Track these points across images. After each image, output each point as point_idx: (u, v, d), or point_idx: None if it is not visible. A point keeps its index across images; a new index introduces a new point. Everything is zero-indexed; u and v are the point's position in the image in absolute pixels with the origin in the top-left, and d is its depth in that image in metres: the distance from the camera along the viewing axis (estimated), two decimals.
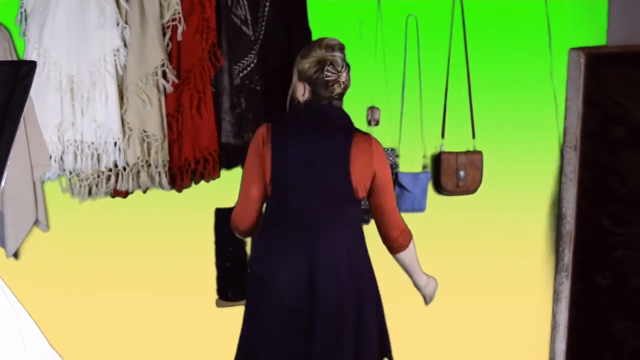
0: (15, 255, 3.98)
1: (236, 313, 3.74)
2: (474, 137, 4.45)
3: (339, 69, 3.31)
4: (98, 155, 3.96)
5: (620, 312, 1.37)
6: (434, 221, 4.46)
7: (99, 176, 4.00)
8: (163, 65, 3.98)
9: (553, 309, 1.42)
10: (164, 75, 3.99)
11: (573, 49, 1.34)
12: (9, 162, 2.51)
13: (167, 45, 4.02)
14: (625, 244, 1.32)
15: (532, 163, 4.50)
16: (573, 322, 1.33)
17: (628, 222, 1.32)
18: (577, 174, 1.22)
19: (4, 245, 3.91)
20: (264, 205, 3.39)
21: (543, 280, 4.25)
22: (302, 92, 3.36)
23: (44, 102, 3.87)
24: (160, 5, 3.99)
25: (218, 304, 4.26)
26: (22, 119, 2.59)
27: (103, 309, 4.19)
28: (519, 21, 4.47)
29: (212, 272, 4.26)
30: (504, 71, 4.47)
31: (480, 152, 4.43)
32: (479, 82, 4.45)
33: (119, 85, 3.97)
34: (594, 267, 1.30)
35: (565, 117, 1.27)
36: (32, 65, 2.41)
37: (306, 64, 3.33)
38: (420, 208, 4.42)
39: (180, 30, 4.00)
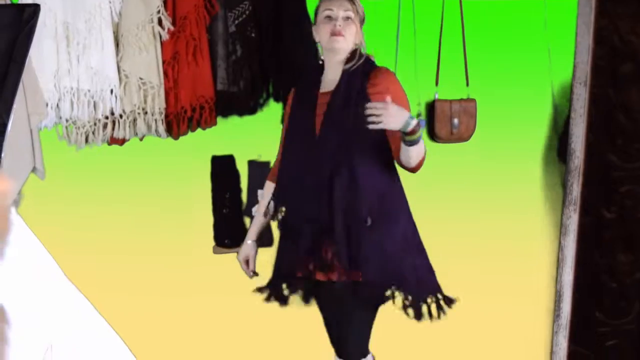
0: (15, 202, 4.00)
1: (233, 260, 3.78)
2: (467, 84, 4.47)
3: None
4: (94, 102, 3.98)
5: (626, 245, 1.42)
6: (428, 168, 4.47)
7: (95, 124, 4.03)
8: (159, 12, 4.00)
9: (560, 242, 1.47)
10: (160, 22, 4.01)
11: None
12: (15, 106, 2.54)
13: None
14: (631, 178, 1.36)
15: (524, 111, 4.53)
16: (580, 255, 1.38)
17: (634, 157, 1.36)
18: (587, 109, 1.25)
19: None
20: None
21: (540, 218, 4.32)
22: None
23: (40, 50, 3.87)
24: None
25: (215, 251, 4.30)
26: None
27: (99, 257, 4.22)
28: None
29: (209, 219, 4.29)
30: (498, 19, 4.47)
31: (474, 100, 4.45)
32: (472, 30, 4.45)
33: (114, 33, 3.98)
34: (601, 201, 1.35)
35: (575, 53, 1.30)
36: (35, 7, 2.42)
37: None
38: None
39: None
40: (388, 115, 3.25)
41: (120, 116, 4.02)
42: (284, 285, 3.51)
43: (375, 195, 3.49)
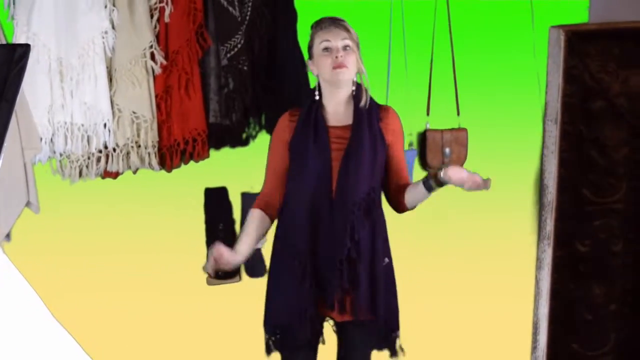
0: (8, 236, 4.01)
1: (227, 291, 3.82)
2: (458, 114, 4.50)
3: None
4: (88, 137, 4.02)
5: (600, 278, 1.45)
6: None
7: (89, 158, 4.06)
8: (151, 47, 4.04)
9: (536, 276, 1.51)
10: (152, 57, 4.05)
11: (553, 26, 1.40)
12: (5, 144, 2.58)
13: (155, 27, 4.08)
14: (604, 212, 1.40)
15: (516, 139, 4.56)
16: (555, 288, 1.42)
17: (607, 192, 1.40)
18: (558, 146, 1.29)
19: None
20: None
21: (529, 253, 4.35)
22: None
23: (34, 85, 3.90)
24: None
25: (209, 282, 4.30)
26: None
27: (93, 289, 4.24)
28: (502, 2, 4.52)
29: (202, 251, 4.31)
30: (488, 50, 4.52)
31: (465, 130, 4.47)
32: (463, 61, 4.49)
33: (107, 67, 4.03)
34: (575, 235, 1.38)
35: (547, 92, 1.34)
36: (26, 48, 2.48)
37: None
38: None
39: (167, 12, 4.06)
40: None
41: (114, 150, 4.05)
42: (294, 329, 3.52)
43: (384, 233, 3.59)
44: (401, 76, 4.47)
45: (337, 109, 3.52)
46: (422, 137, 4.47)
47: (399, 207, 3.61)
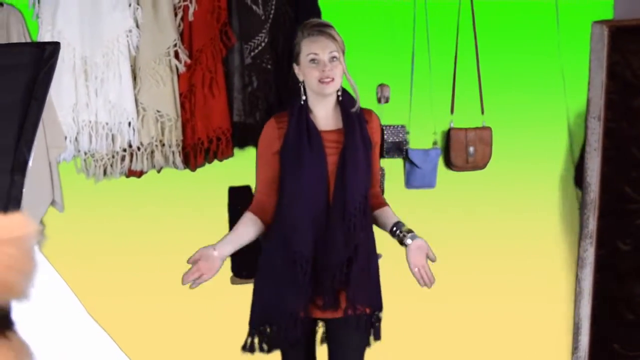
0: (38, 242, 4.01)
1: (250, 290, 3.81)
2: (482, 113, 4.50)
3: None
4: (112, 135, 4.02)
5: None
6: (444, 197, 4.51)
7: (113, 156, 4.06)
8: (175, 45, 4.04)
9: (577, 275, 1.49)
10: (176, 56, 4.05)
11: (596, 22, 1.38)
12: (35, 142, 2.58)
13: (179, 25, 4.07)
14: None
15: (540, 139, 4.54)
16: (597, 287, 1.40)
17: None
18: (601, 143, 1.28)
19: None
20: None
21: (558, 250, 4.33)
22: None
23: (58, 84, 3.89)
24: None
25: (232, 281, 4.31)
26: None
27: (118, 287, 4.23)
28: (525, 1, 4.50)
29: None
30: (512, 47, 4.50)
31: (489, 128, 4.47)
32: (487, 59, 4.48)
33: (132, 66, 4.03)
34: (617, 234, 1.36)
35: (589, 89, 1.32)
36: (55, 46, 2.47)
37: None
38: (430, 184, 4.47)
39: (191, 11, 4.05)
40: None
41: (138, 148, 4.05)
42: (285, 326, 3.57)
43: (372, 228, 3.67)
44: (425, 75, 4.46)
45: (326, 114, 3.54)
46: (447, 136, 4.48)
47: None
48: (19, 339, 1.41)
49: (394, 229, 3.54)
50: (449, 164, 4.49)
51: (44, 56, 2.50)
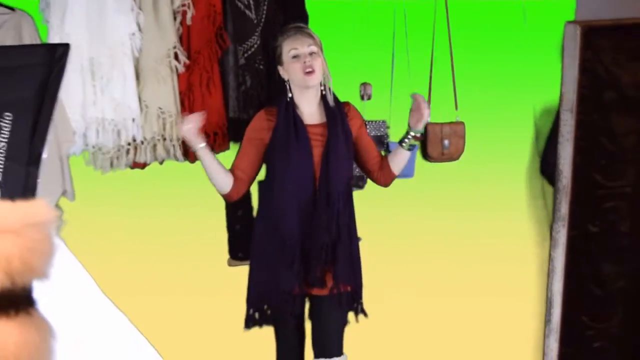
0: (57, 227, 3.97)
1: (246, 271, 3.80)
2: (456, 109, 4.48)
3: None
4: (118, 130, 3.96)
5: (610, 257, 1.43)
6: (421, 185, 4.49)
7: (119, 150, 4.00)
8: (175, 47, 3.99)
9: (550, 254, 1.49)
10: (176, 57, 3.99)
11: (569, 22, 1.37)
12: (49, 136, 2.55)
13: (178, 29, 4.02)
14: (614, 195, 1.38)
15: (509, 132, 4.54)
16: (568, 266, 1.39)
17: (616, 176, 1.38)
18: (573, 134, 1.27)
19: None
20: None
21: (526, 231, 4.34)
22: None
23: (67, 83, 3.79)
24: None
25: (229, 263, 4.27)
26: None
27: (122, 268, 4.18)
28: (496, 6, 4.49)
29: (223, 235, 4.28)
30: (484, 48, 4.49)
31: (462, 123, 4.45)
32: (461, 59, 4.46)
33: (135, 66, 3.97)
34: (587, 217, 1.36)
35: (562, 84, 1.32)
36: (65, 47, 2.44)
37: None
38: (409, 174, 4.43)
39: (189, 15, 4.00)
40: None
41: (142, 142, 4.01)
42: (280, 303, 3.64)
43: (355, 215, 3.73)
44: (404, 74, 4.43)
45: (311, 110, 3.62)
46: (424, 130, 4.45)
47: (389, 177, 3.78)
48: (40, 315, 1.39)
49: (402, 143, 3.73)
50: (425, 155, 4.47)
51: (55, 56, 2.47)
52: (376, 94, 4.40)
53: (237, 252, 4.28)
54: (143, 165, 4.10)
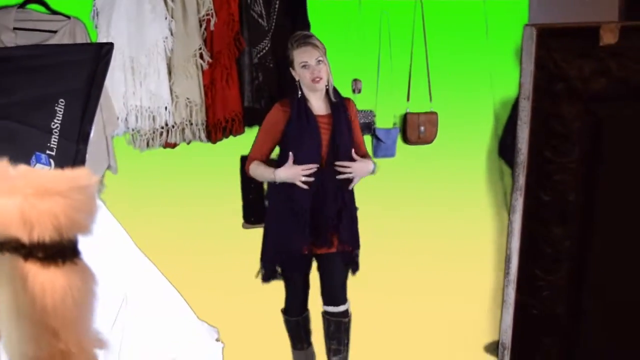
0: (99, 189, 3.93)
1: (257, 233, 3.78)
2: (430, 101, 4.45)
3: None
4: (153, 116, 3.94)
5: (559, 221, 1.41)
6: (402, 164, 4.47)
7: (154, 132, 3.98)
8: (200, 49, 3.95)
9: (509, 219, 1.47)
10: (201, 57, 3.96)
11: (527, 25, 1.35)
12: (96, 119, 2.52)
13: (203, 34, 3.98)
14: (562, 170, 1.35)
15: (473, 120, 4.52)
16: (524, 228, 1.37)
17: (564, 154, 1.36)
18: (529, 118, 1.25)
19: None
20: None
21: (487, 200, 4.34)
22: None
23: (112, 77, 3.79)
24: (197, 3, 3.94)
25: (244, 226, 4.26)
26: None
27: (155, 229, 4.13)
28: (462, 19, 4.45)
29: (239, 202, 4.25)
30: (454, 51, 4.45)
31: (436, 113, 4.43)
32: (435, 58, 4.42)
33: (167, 64, 3.94)
34: (540, 187, 1.33)
35: (521, 76, 1.29)
36: (110, 46, 2.41)
37: None
38: (392, 154, 4.43)
39: (212, 22, 3.96)
40: (359, 170, 3.55)
41: (173, 126, 3.98)
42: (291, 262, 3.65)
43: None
44: (388, 72, 4.40)
45: (318, 103, 3.60)
46: (404, 119, 4.43)
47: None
48: (84, 264, 1.34)
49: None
50: (405, 139, 4.45)
51: (101, 53, 2.43)
52: (365, 89, 4.37)
53: (250, 217, 4.26)
54: (173, 145, 4.07)
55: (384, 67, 4.39)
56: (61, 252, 1.28)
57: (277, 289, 3.80)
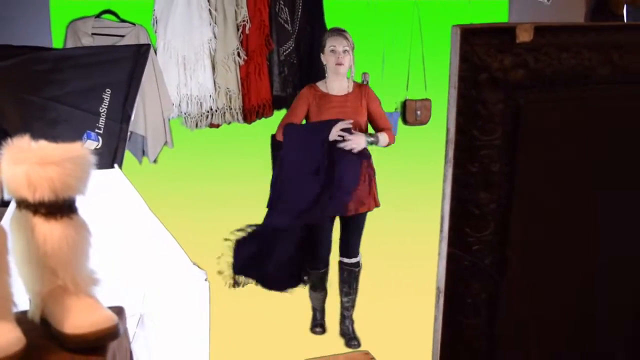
0: (155, 161, 3.99)
1: None
2: (425, 90, 4.34)
3: None
4: (200, 103, 3.94)
5: (484, 187, 1.36)
6: (402, 141, 4.34)
7: (201, 115, 3.99)
8: (237, 48, 3.93)
9: (443, 187, 1.42)
10: (238, 55, 3.94)
11: (454, 25, 1.29)
12: (136, 104, 2.54)
13: (240, 36, 3.95)
14: (487, 146, 1.30)
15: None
16: (453, 194, 1.33)
17: (488, 132, 1.31)
18: (457, 103, 1.20)
19: (147, 155, 3.89)
20: None
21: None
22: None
23: (168, 71, 3.84)
24: (235, 12, 3.92)
25: None
26: (151, 80, 2.59)
27: (201, 191, 4.15)
28: (451, 20, 4.28)
29: (268, 174, 4.20)
30: (444, 49, 4.29)
31: (429, 99, 4.32)
32: (430, 55, 4.31)
33: (212, 61, 3.93)
34: (467, 160, 1.29)
35: (450, 69, 1.25)
36: (148, 46, 2.41)
37: None
38: (394, 133, 4.32)
39: (247, 27, 3.93)
40: (354, 142, 3.39)
41: (216, 111, 3.98)
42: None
43: (371, 157, 3.63)
44: (392, 66, 4.30)
45: (340, 85, 3.53)
46: (403, 104, 4.34)
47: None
48: (79, 219, 1.35)
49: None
50: (405, 121, 4.36)
51: (140, 52, 2.44)
52: (373, 80, 4.25)
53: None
54: (217, 126, 4.07)
55: (388, 62, 4.29)
56: (58, 209, 1.29)
57: None
